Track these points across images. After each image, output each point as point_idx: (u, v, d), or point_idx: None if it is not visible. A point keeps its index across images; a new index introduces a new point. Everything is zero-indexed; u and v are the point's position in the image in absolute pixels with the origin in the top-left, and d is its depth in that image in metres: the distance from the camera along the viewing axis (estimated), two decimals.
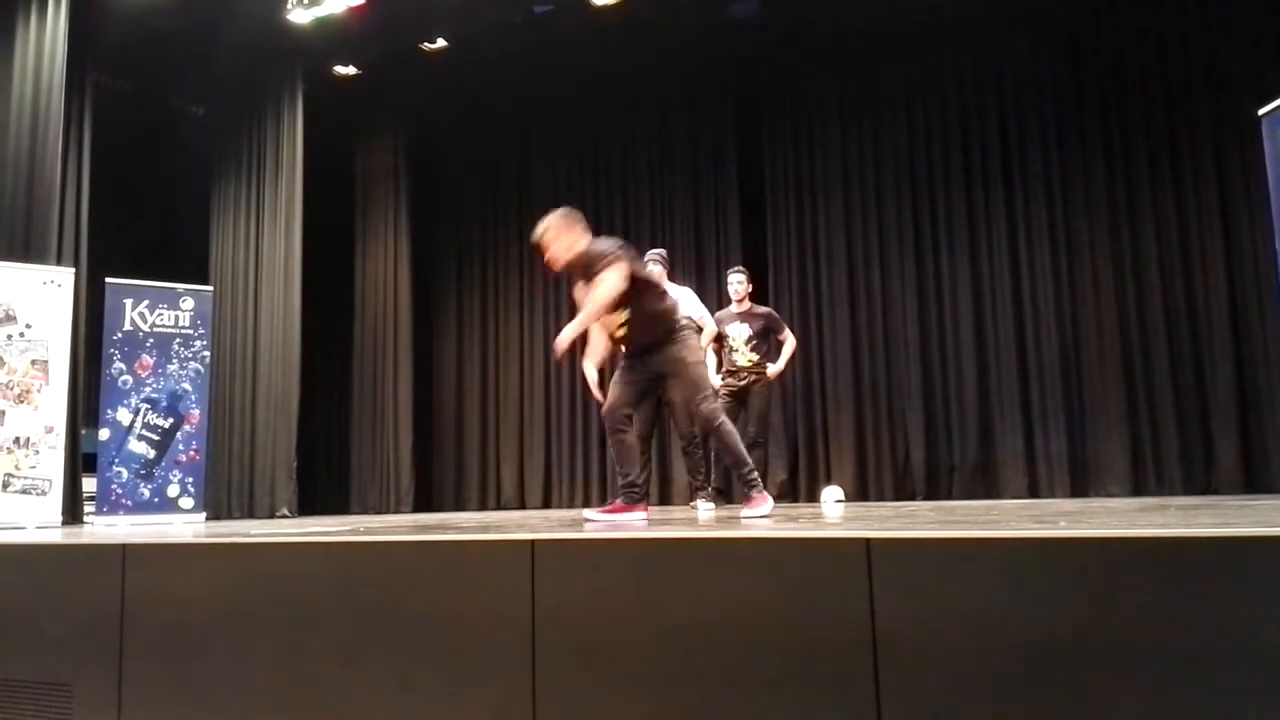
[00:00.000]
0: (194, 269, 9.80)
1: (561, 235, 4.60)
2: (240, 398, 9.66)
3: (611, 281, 4.29)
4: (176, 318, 8.57)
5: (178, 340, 8.56)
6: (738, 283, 7.28)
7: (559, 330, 10.87)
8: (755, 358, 7.08)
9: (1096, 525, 2.50)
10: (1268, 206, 6.25)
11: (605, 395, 4.66)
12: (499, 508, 10.36)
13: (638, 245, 10.03)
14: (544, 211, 11.18)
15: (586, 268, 4.43)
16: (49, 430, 7.42)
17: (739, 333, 7.12)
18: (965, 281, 8.66)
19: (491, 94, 10.57)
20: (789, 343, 7.20)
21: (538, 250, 4.68)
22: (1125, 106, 8.15)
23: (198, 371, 8.64)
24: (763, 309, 7.36)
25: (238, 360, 9.72)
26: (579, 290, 4.60)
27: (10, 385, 7.31)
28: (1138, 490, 7.66)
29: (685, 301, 6.77)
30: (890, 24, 8.92)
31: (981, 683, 2.01)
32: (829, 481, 8.81)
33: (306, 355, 9.72)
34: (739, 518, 4.32)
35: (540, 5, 9.27)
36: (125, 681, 3.20)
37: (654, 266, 6.78)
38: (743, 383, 7.07)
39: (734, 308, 7.26)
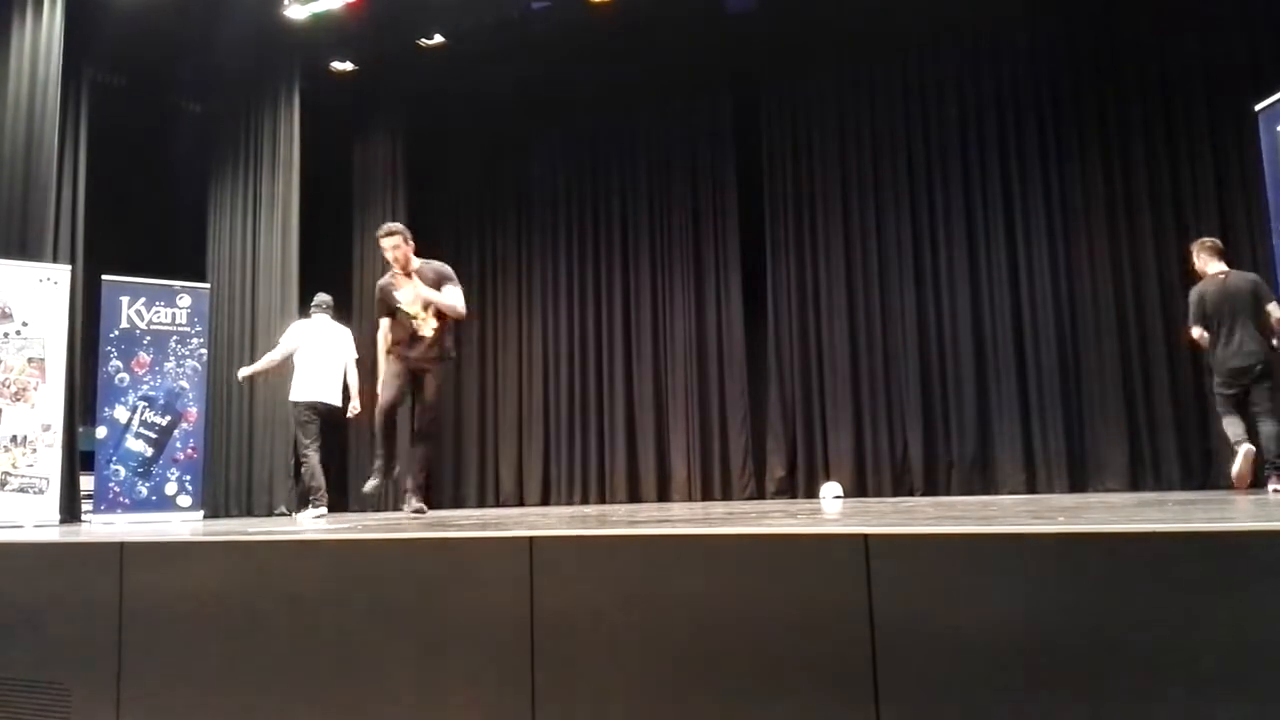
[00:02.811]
0: (191, 266, 9.78)
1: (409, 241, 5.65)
2: (238, 395, 9.64)
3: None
4: (173, 315, 8.56)
5: (175, 338, 8.55)
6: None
7: (557, 328, 10.85)
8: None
9: (1094, 520, 2.50)
10: (1264, 201, 6.26)
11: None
12: (498, 504, 10.36)
13: (636, 242, 10.17)
14: (542, 208, 11.22)
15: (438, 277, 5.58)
16: (46, 428, 7.41)
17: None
18: (963, 278, 8.66)
19: (489, 90, 10.54)
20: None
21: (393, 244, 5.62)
22: (1123, 102, 8.15)
23: (195, 369, 8.63)
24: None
25: (235, 357, 9.69)
26: (405, 285, 5.53)
27: (7, 383, 7.30)
28: (1135, 485, 7.67)
29: (344, 341, 7.11)
30: (888, 21, 8.90)
31: (980, 678, 2.01)
32: (827, 477, 8.82)
33: None
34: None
35: (538, 1, 9.25)
36: (123, 680, 3.19)
37: (319, 314, 7.10)
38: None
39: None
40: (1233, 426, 5.93)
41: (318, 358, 7.07)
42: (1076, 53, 8.36)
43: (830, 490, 8.47)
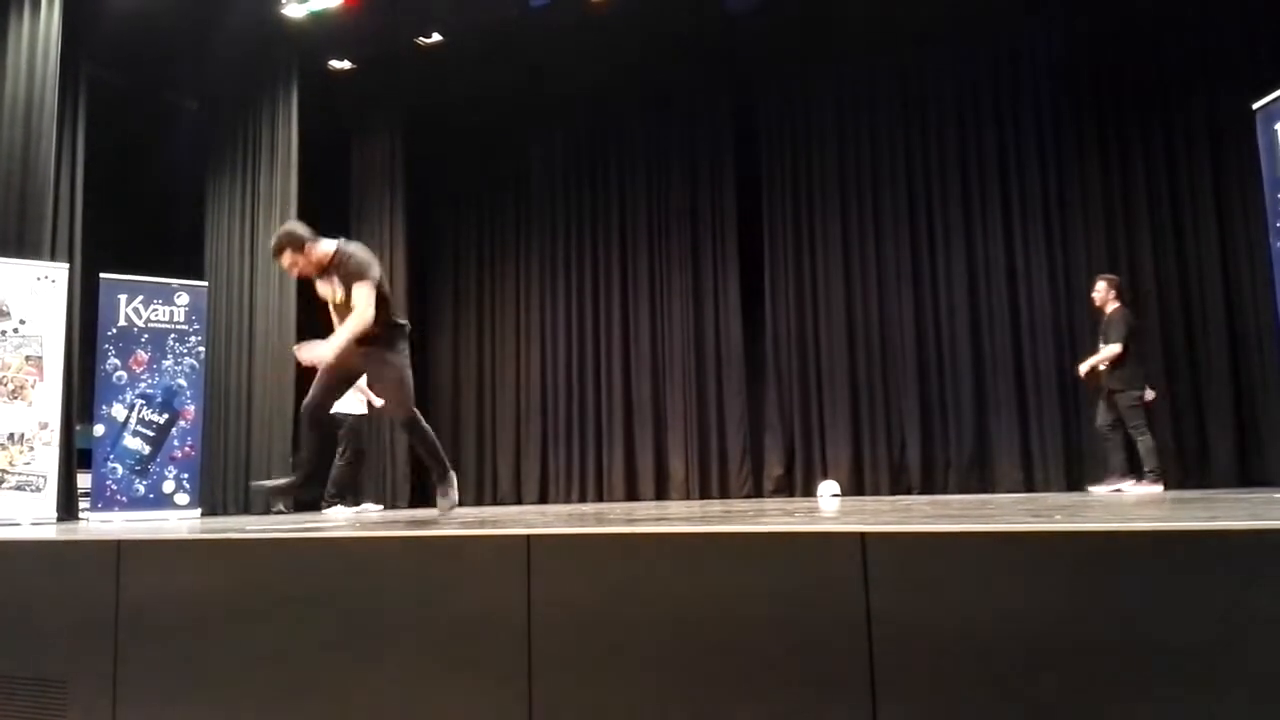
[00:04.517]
0: (188, 264, 9.77)
1: (304, 247, 4.56)
2: (235, 393, 9.64)
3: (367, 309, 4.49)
4: (171, 313, 8.56)
5: (172, 336, 8.55)
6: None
7: (555, 326, 10.82)
8: None
9: (1092, 519, 2.50)
10: (1262, 199, 6.26)
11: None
12: (495, 503, 10.36)
13: (634, 241, 10.16)
14: (540, 207, 11.19)
15: (344, 274, 4.52)
16: (43, 426, 7.40)
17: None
18: (961, 277, 8.66)
19: (487, 88, 10.54)
20: None
21: (288, 264, 4.61)
22: (1121, 100, 8.16)
23: (193, 367, 8.63)
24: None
25: (233, 356, 9.71)
26: (323, 287, 4.63)
27: (4, 381, 7.29)
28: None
29: None
30: (887, 22, 8.90)
31: (977, 676, 2.01)
32: (825, 476, 8.82)
33: None
34: None
35: (536, 0, 9.24)
36: (120, 678, 3.19)
37: None
38: None
39: None
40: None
41: None
42: (1074, 53, 8.36)
43: (828, 489, 8.47)
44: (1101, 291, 7.20)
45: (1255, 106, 6.24)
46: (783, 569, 2.24)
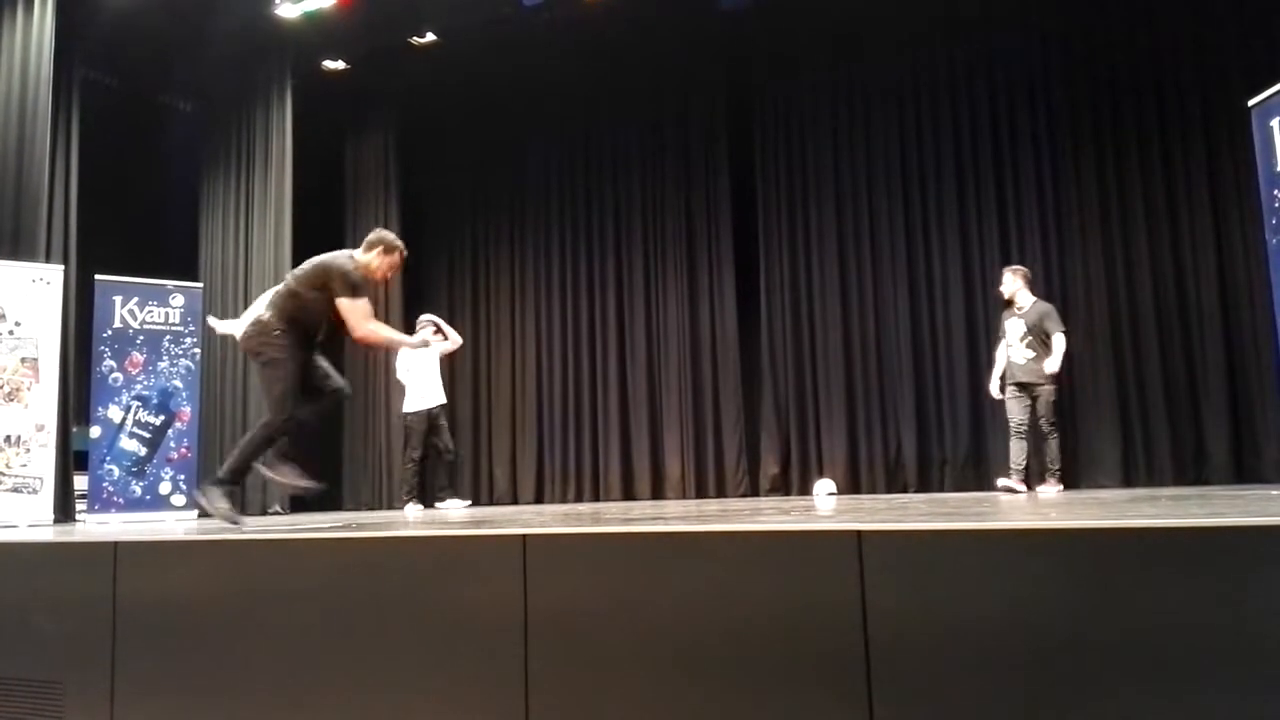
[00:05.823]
0: (183, 265, 9.77)
1: None
2: (231, 394, 9.63)
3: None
4: (166, 314, 8.54)
5: (168, 337, 8.54)
6: None
7: (551, 325, 10.81)
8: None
9: (1087, 516, 2.50)
10: (1258, 196, 6.27)
11: None
12: (491, 503, 10.35)
13: (630, 240, 10.15)
14: (535, 207, 11.16)
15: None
16: (40, 428, 7.39)
17: None
18: (957, 274, 8.67)
19: (482, 88, 10.53)
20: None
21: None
22: (1116, 99, 8.16)
23: (188, 368, 8.62)
24: None
25: (228, 357, 9.69)
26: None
27: (0, 383, 7.28)
28: (1128, 482, 7.68)
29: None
30: (882, 18, 8.91)
31: (973, 674, 2.01)
32: (821, 475, 8.82)
33: None
34: None
35: None
36: (117, 679, 3.19)
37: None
38: None
39: None
40: None
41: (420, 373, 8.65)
42: (1070, 52, 8.36)
43: (824, 487, 8.47)
44: (1009, 282, 7.24)
45: (1250, 103, 6.24)
46: (779, 567, 2.25)
